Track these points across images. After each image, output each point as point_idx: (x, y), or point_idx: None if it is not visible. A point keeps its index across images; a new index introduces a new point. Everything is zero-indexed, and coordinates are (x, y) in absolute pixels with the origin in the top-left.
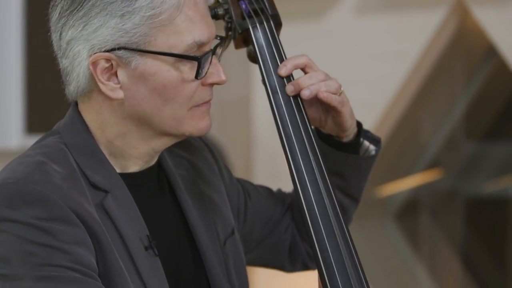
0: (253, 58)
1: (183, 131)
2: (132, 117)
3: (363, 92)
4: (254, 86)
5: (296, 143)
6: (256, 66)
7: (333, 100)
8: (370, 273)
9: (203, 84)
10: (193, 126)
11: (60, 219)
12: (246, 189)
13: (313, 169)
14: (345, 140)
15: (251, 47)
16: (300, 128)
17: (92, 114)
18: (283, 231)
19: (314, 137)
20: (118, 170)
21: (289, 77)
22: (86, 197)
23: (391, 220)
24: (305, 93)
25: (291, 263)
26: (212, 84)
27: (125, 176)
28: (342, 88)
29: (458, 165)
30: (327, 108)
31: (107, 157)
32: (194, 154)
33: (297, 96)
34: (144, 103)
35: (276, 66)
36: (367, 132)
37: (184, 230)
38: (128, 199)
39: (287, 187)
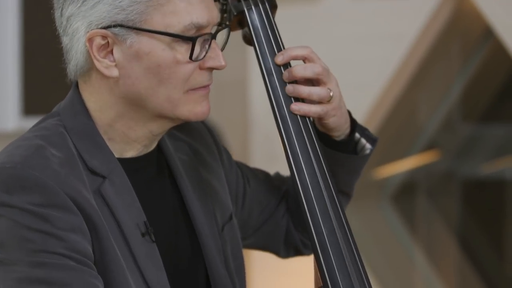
0: (248, 40)
1: (179, 115)
2: (128, 97)
3: (359, 74)
4: (250, 68)
5: (291, 125)
6: (252, 48)
7: (321, 114)
8: (367, 255)
9: (201, 68)
10: (189, 110)
11: (57, 205)
12: (245, 174)
13: (308, 152)
14: (337, 139)
15: (246, 29)
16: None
17: (91, 94)
18: (280, 218)
19: (309, 119)
20: (116, 155)
21: (286, 64)
22: (84, 183)
23: (388, 202)
24: (293, 108)
25: (286, 249)
26: (210, 69)
27: (124, 161)
28: (332, 93)
29: (455, 147)
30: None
31: (106, 142)
32: (194, 137)
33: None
34: (138, 82)
35: (271, 48)
36: (365, 130)
37: (183, 215)
38: (125, 185)
39: (284, 169)
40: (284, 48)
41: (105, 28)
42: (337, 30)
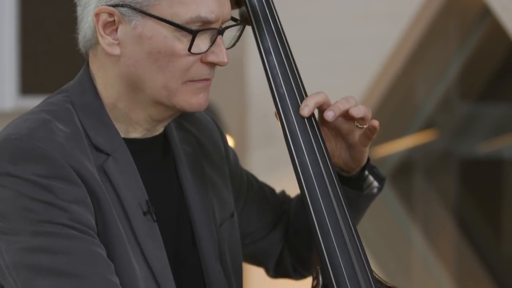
0: (245, 19)
1: (174, 103)
2: (127, 77)
3: (357, 53)
4: (248, 46)
5: (290, 104)
6: (250, 27)
7: (368, 118)
8: (364, 234)
9: (202, 61)
10: (185, 100)
11: (61, 177)
12: (250, 180)
13: (307, 130)
14: (349, 175)
15: (243, 8)
16: (293, 89)
17: (98, 69)
18: (277, 239)
19: (306, 95)
20: (122, 135)
21: (283, 40)
22: (88, 157)
23: (386, 181)
24: (329, 115)
25: (275, 270)
26: (212, 64)
27: (129, 141)
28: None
29: (453, 126)
30: (348, 141)
31: (112, 120)
32: (203, 132)
33: (289, 56)
34: (138, 65)
35: (269, 27)
36: (373, 167)
37: (183, 204)
38: (129, 164)
39: (281, 149)
40: (282, 29)
41: (114, 6)
42: (335, 9)
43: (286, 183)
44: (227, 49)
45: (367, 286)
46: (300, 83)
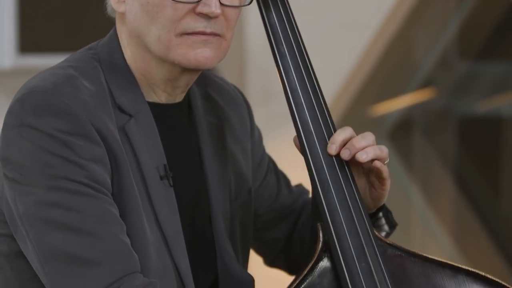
0: None
1: (172, 58)
2: (133, 34)
3: (356, 10)
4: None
5: (290, 60)
6: None
7: (385, 171)
8: None
9: (195, 12)
10: (181, 54)
11: (82, 134)
12: (270, 166)
13: (307, 86)
14: None
15: None
16: (293, 45)
17: (119, 30)
18: (280, 236)
19: (306, 53)
20: (146, 98)
21: (285, 4)
22: (111, 117)
23: (384, 140)
24: (362, 156)
25: (271, 264)
26: (207, 16)
27: (152, 105)
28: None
29: (452, 85)
30: (369, 178)
31: (138, 82)
32: (230, 106)
33: (287, 8)
34: (136, 19)
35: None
36: (389, 211)
37: (201, 174)
38: (151, 126)
39: (281, 107)
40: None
41: None
42: None
43: (285, 140)
44: (226, 5)
45: (368, 242)
46: (298, 37)
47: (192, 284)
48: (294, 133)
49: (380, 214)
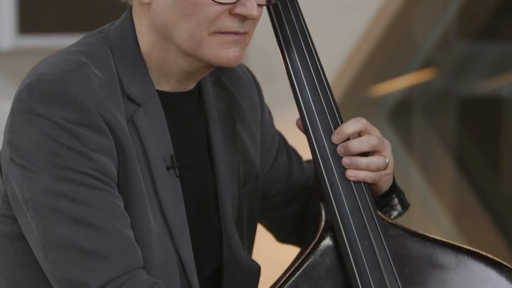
0: None
1: (202, 55)
2: (157, 26)
3: None
4: None
5: (293, 43)
6: None
7: (376, 180)
8: None
9: (231, 13)
10: (212, 53)
11: (91, 125)
12: (281, 146)
13: (309, 67)
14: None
15: None
16: (297, 30)
17: (136, 16)
18: (292, 215)
19: (308, 34)
20: (156, 87)
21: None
22: (119, 107)
23: (384, 120)
24: (349, 174)
25: (283, 241)
26: (242, 16)
27: (161, 94)
28: (388, 160)
29: (452, 65)
30: None
31: (149, 70)
32: (241, 91)
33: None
34: (166, 13)
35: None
36: (401, 192)
37: (209, 162)
38: (159, 116)
39: (282, 88)
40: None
41: None
42: None
43: (287, 121)
44: (260, 5)
45: (370, 221)
46: (300, 17)
47: (195, 275)
48: (296, 114)
49: (394, 194)
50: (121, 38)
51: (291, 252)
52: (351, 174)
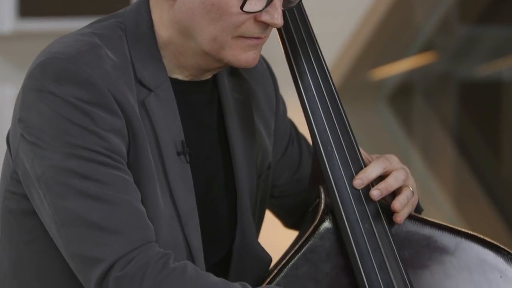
0: None
1: (222, 57)
2: (179, 23)
3: None
4: None
5: (293, 27)
6: None
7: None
8: None
9: (256, 20)
10: (233, 55)
11: (102, 105)
12: (293, 136)
13: (309, 54)
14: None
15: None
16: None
17: (154, 6)
18: (303, 202)
19: (308, 22)
20: (169, 74)
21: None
22: (131, 90)
23: (384, 104)
24: (376, 193)
25: (292, 226)
26: (265, 24)
27: (174, 81)
28: (412, 188)
29: (452, 48)
30: None
31: (163, 58)
32: (256, 79)
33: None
34: (191, 13)
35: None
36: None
37: (222, 151)
38: (170, 102)
39: (282, 72)
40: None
41: None
42: None
43: (288, 105)
44: (283, 10)
45: (370, 204)
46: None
47: (202, 261)
48: (295, 98)
49: None
50: (136, 23)
51: (288, 235)
52: (376, 193)
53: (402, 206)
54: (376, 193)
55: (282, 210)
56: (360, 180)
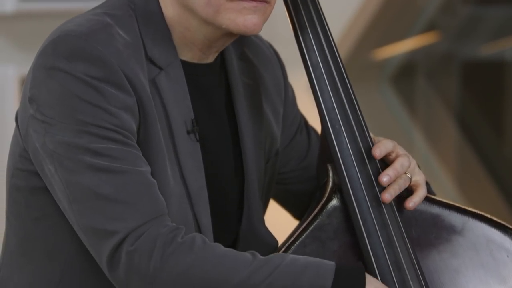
0: None
1: (220, 22)
2: None
3: None
4: None
5: (301, 3)
6: None
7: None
8: None
9: None
10: (230, 19)
11: (114, 82)
12: (301, 124)
13: (318, 31)
14: None
15: None
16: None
17: None
18: (310, 191)
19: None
20: (178, 56)
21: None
22: (142, 68)
23: (387, 84)
24: (387, 197)
25: (301, 215)
26: None
27: (184, 63)
28: (410, 175)
29: (455, 28)
30: None
31: (173, 38)
32: (265, 66)
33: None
34: None
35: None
36: (427, 184)
37: (231, 133)
38: (180, 80)
39: (286, 51)
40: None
41: None
42: None
43: (295, 84)
44: None
45: (379, 183)
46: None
47: (212, 239)
48: (301, 80)
49: None
50: (145, 2)
51: (294, 220)
52: (387, 197)
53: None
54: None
55: (291, 198)
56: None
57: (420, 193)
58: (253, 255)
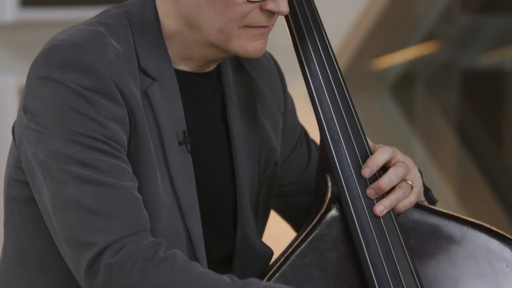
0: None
1: (229, 48)
2: (186, 16)
3: None
4: None
5: (300, 14)
6: None
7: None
8: None
9: (261, 9)
10: (240, 45)
11: (105, 93)
12: (301, 136)
13: (316, 42)
14: None
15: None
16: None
17: (166, 2)
18: (311, 203)
19: (315, 9)
20: (174, 65)
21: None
22: (135, 79)
23: (387, 93)
24: (379, 209)
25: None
26: (271, 12)
27: (178, 72)
28: (411, 182)
29: (454, 38)
30: None
31: (168, 49)
32: (263, 77)
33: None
34: (197, 6)
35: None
36: (428, 189)
37: (224, 144)
38: (174, 91)
39: (287, 61)
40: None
41: None
42: None
43: (294, 94)
44: None
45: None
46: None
47: (203, 250)
48: (301, 87)
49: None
50: (141, 12)
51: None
52: (380, 209)
53: (388, 187)
54: (371, 192)
55: (292, 211)
56: (369, 169)
57: (411, 198)
58: (231, 279)
